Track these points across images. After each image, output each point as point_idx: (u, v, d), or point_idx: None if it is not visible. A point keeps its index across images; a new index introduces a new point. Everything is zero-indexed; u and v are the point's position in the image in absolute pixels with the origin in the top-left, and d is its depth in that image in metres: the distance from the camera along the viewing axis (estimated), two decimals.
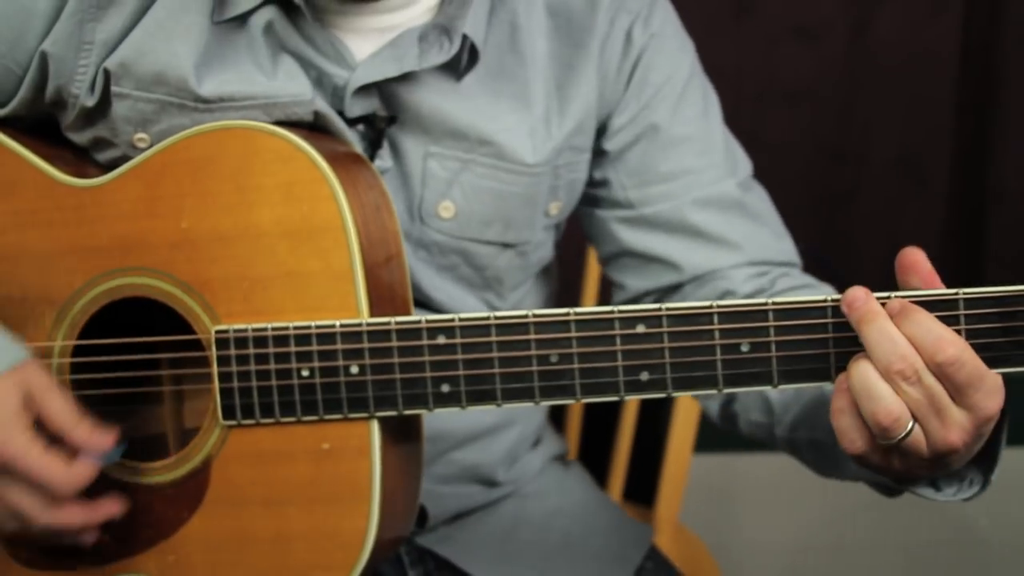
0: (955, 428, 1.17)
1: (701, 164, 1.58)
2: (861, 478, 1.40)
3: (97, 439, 1.31)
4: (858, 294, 1.19)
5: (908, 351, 1.16)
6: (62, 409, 1.31)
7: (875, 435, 1.18)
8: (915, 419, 1.17)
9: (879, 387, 1.16)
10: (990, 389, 1.17)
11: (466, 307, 1.56)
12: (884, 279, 1.23)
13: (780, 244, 1.61)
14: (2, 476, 1.29)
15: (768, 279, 1.56)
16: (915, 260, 1.20)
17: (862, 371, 1.17)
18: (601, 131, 1.58)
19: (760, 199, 1.62)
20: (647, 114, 1.57)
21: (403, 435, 1.36)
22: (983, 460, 1.27)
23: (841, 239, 2.84)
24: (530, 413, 1.70)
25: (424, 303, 1.53)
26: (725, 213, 1.58)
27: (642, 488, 2.22)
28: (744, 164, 1.63)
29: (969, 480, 1.30)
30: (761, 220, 1.60)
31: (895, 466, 1.21)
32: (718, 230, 1.57)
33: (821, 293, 1.25)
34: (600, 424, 2.22)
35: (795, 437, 1.46)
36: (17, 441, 1.28)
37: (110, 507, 1.34)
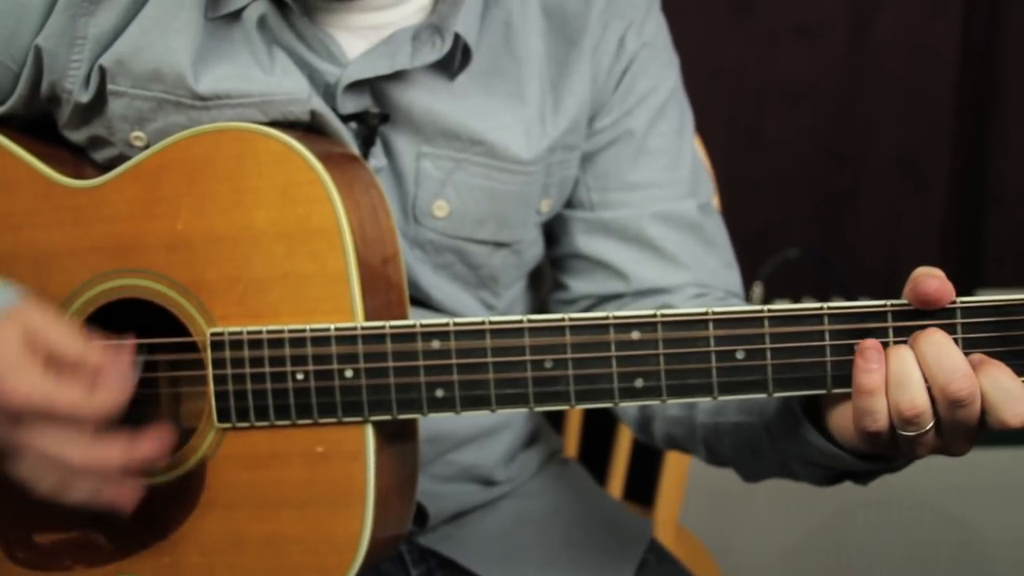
0: (970, 443, 1.19)
1: (667, 179, 1.59)
2: (776, 471, 1.42)
3: (113, 359, 1.26)
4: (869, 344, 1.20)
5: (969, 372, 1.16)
6: (69, 339, 1.26)
7: (895, 423, 1.18)
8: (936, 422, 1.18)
9: (914, 377, 1.17)
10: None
11: (463, 305, 1.56)
12: (884, 279, 1.24)
13: (727, 273, 1.63)
14: (27, 424, 1.24)
15: (706, 300, 1.58)
16: (942, 294, 1.19)
17: (903, 358, 1.17)
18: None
19: (717, 226, 1.64)
20: (626, 120, 1.58)
21: (398, 438, 1.36)
22: None
23: (841, 239, 2.84)
24: (527, 413, 1.70)
25: (424, 302, 1.53)
26: (681, 232, 1.59)
27: (642, 488, 2.22)
28: (706, 188, 1.64)
29: None
30: (714, 247, 1.62)
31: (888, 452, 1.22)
32: (671, 247, 1.58)
33: None
34: (600, 424, 2.22)
35: (719, 422, 1.46)
36: (28, 381, 1.23)
37: (151, 442, 1.27)
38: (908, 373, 1.17)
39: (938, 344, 1.17)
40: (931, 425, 1.18)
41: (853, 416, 1.20)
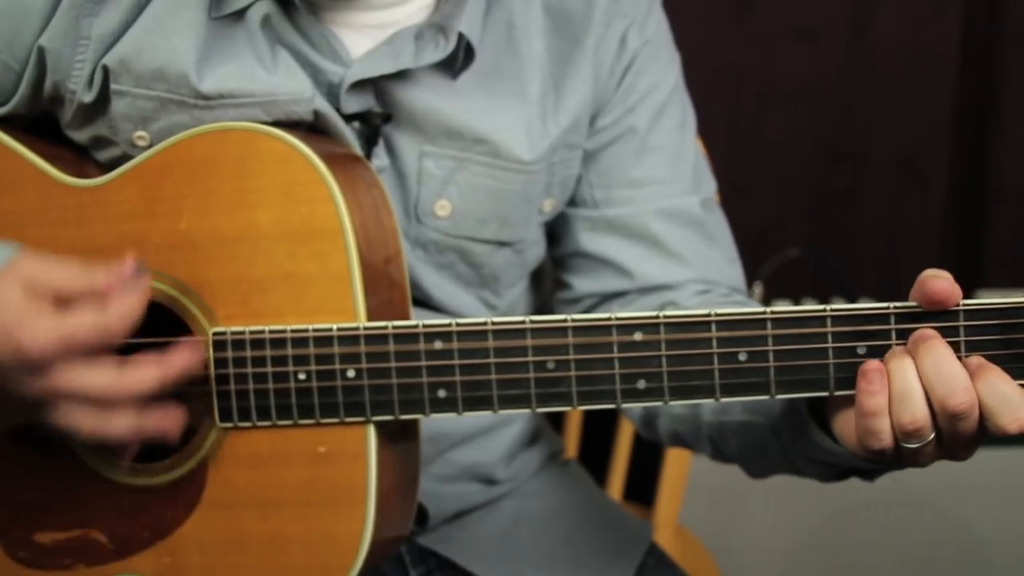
0: (972, 449, 1.20)
1: (670, 176, 1.59)
2: (783, 469, 1.42)
3: (116, 275, 1.24)
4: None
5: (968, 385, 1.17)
6: (70, 274, 1.24)
7: (897, 436, 1.18)
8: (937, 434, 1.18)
9: (915, 392, 1.17)
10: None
11: (465, 305, 1.56)
12: (884, 279, 1.24)
13: (730, 268, 1.63)
14: (51, 369, 1.22)
15: (711, 296, 1.58)
16: (950, 294, 1.19)
17: (906, 372, 1.18)
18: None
19: (719, 222, 1.64)
20: (628, 118, 1.58)
21: (400, 438, 1.36)
22: None
23: (841, 239, 2.84)
24: (528, 412, 1.69)
25: (425, 302, 1.53)
26: (685, 228, 1.59)
27: (642, 488, 2.22)
28: (709, 184, 1.65)
29: None
30: (717, 242, 1.62)
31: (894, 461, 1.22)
32: (675, 244, 1.58)
33: None
34: (600, 424, 2.22)
35: (724, 421, 1.46)
36: (40, 327, 1.20)
37: (184, 353, 1.27)
38: (910, 388, 1.17)
39: (938, 357, 1.17)
40: (932, 437, 1.18)
41: (857, 434, 1.20)
